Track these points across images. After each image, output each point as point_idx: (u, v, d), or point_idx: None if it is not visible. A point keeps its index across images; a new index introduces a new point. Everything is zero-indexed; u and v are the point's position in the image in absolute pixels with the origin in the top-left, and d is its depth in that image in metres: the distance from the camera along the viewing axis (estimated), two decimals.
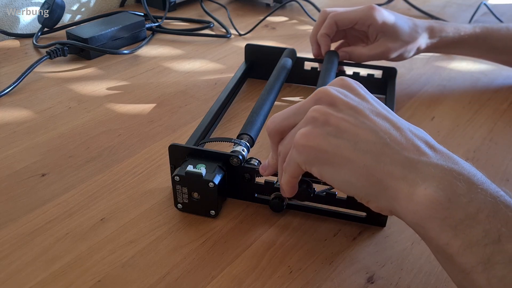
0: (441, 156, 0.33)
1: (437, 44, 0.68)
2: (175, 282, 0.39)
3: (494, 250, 0.28)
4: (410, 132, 0.34)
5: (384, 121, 0.35)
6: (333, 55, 0.63)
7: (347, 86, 0.37)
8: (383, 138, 0.33)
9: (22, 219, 0.44)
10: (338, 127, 0.34)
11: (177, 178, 0.43)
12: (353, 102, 0.35)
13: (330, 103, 0.35)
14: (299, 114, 0.38)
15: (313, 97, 0.37)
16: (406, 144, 0.33)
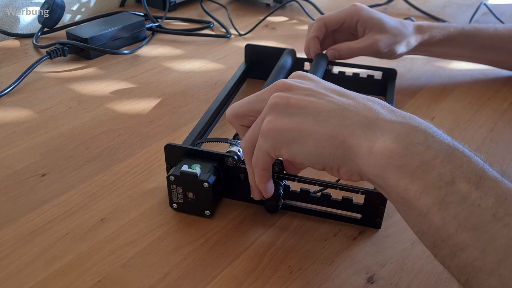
0: (399, 114, 0.35)
1: (427, 42, 0.68)
2: (175, 283, 0.39)
3: (448, 191, 0.30)
4: (367, 100, 0.37)
5: (341, 96, 0.37)
6: (321, 57, 0.64)
7: (301, 76, 0.40)
8: (342, 105, 0.36)
9: (22, 219, 0.44)
10: (299, 106, 0.36)
11: (172, 178, 0.43)
12: (309, 86, 0.38)
13: (288, 89, 0.38)
14: (258, 101, 0.40)
15: (271, 87, 0.39)
16: (364, 107, 0.36)
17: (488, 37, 0.70)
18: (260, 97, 0.40)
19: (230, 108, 0.42)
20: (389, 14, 0.99)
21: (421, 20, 0.96)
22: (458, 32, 0.69)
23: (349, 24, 0.66)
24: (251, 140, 0.39)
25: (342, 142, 0.35)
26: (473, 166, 0.31)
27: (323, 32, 0.66)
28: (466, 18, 0.96)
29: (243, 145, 0.40)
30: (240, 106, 0.41)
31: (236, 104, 0.41)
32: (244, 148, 0.41)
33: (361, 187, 0.42)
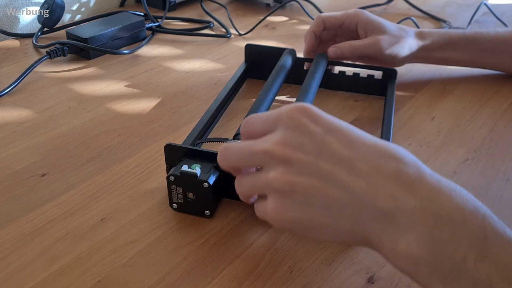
0: (417, 194, 0.31)
1: (429, 46, 0.68)
2: (175, 283, 0.39)
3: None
4: (381, 172, 0.31)
5: (349, 169, 0.32)
6: (322, 57, 0.64)
7: (299, 129, 0.33)
8: (353, 194, 0.31)
9: (22, 219, 0.44)
10: (306, 193, 0.32)
11: (172, 178, 0.43)
12: (311, 157, 0.33)
13: (288, 164, 0.33)
14: (251, 158, 0.35)
15: (268, 154, 0.34)
16: (377, 192, 0.31)
17: (489, 40, 0.70)
18: (253, 151, 0.35)
19: (223, 158, 0.37)
20: (389, 14, 1.00)
21: (421, 20, 0.97)
22: (459, 37, 0.69)
23: (348, 26, 0.66)
24: (249, 193, 0.37)
25: (364, 237, 0.32)
26: None
27: (321, 29, 0.66)
28: (466, 18, 0.96)
29: (239, 191, 0.38)
30: (233, 161, 0.37)
31: (228, 153, 0.37)
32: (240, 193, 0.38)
33: None
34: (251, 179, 0.37)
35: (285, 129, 0.34)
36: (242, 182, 0.38)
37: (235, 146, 0.37)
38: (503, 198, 0.49)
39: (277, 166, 0.33)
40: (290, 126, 0.34)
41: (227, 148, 0.37)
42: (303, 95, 0.54)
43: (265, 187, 0.34)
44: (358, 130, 0.34)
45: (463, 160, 0.54)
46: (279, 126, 0.34)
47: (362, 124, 0.60)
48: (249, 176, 0.37)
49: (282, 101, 0.65)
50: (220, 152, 0.37)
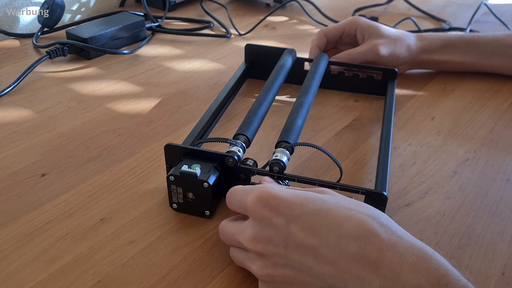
0: (380, 273, 0.31)
1: (429, 48, 0.69)
2: (175, 283, 0.39)
3: None
4: (341, 256, 0.32)
5: (316, 256, 0.33)
6: (321, 57, 0.64)
7: (264, 223, 0.35)
8: (324, 280, 0.33)
9: (22, 219, 0.44)
10: (285, 282, 0.35)
11: (172, 178, 0.43)
12: (281, 250, 0.34)
13: (263, 257, 0.35)
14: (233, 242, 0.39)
15: (246, 246, 0.36)
16: (345, 276, 0.32)
17: (488, 43, 0.70)
18: (235, 240, 0.38)
19: (219, 232, 0.40)
20: (389, 14, 1.00)
21: (421, 20, 0.97)
22: (458, 39, 0.70)
23: (348, 33, 0.69)
24: None
25: None
26: None
27: (324, 42, 0.69)
28: (466, 18, 0.96)
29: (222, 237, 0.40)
30: (224, 239, 0.40)
31: (220, 231, 0.40)
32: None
33: (361, 187, 0.42)
34: (241, 259, 0.39)
35: (253, 222, 0.36)
36: (235, 257, 0.39)
37: (226, 230, 0.39)
38: (503, 198, 0.49)
39: (256, 259, 0.36)
40: (256, 220, 0.35)
41: (221, 231, 0.40)
42: (303, 95, 0.54)
43: (251, 269, 0.37)
44: (321, 209, 0.34)
45: (463, 160, 0.54)
46: (249, 215, 0.37)
47: (362, 124, 0.60)
48: (237, 252, 0.39)
49: (282, 101, 0.65)
50: (219, 232, 0.40)
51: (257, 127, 0.50)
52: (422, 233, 0.44)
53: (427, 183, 0.51)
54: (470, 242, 0.44)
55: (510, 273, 0.41)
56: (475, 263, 0.41)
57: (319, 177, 0.50)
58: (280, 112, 0.62)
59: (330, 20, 0.94)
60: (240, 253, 0.38)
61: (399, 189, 0.50)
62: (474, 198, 0.49)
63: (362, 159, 0.54)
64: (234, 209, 0.39)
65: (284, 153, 0.44)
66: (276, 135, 0.57)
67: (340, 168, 0.44)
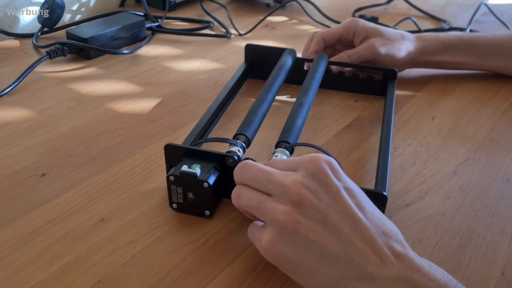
0: (401, 264, 0.33)
1: (428, 49, 0.69)
2: (175, 283, 0.39)
3: None
4: (376, 239, 0.34)
5: (353, 228, 0.34)
6: (321, 57, 0.64)
7: (319, 177, 0.35)
8: (349, 252, 0.33)
9: (22, 219, 0.44)
10: (306, 237, 0.34)
11: (171, 178, 0.43)
12: (323, 205, 0.34)
13: (299, 205, 0.34)
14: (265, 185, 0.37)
15: (283, 188, 0.35)
16: (368, 257, 0.33)
17: (487, 43, 0.70)
18: (270, 179, 0.36)
19: (240, 171, 0.38)
20: (389, 14, 1.00)
21: (421, 20, 0.97)
22: (457, 40, 0.70)
23: (347, 37, 0.68)
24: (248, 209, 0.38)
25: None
26: None
27: (322, 47, 0.68)
28: (466, 18, 0.96)
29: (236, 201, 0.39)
30: (247, 179, 0.38)
31: (246, 169, 0.38)
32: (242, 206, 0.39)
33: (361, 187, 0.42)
34: (255, 197, 0.37)
35: (305, 172, 0.35)
36: (244, 194, 0.38)
37: (255, 166, 0.38)
38: (503, 198, 0.49)
39: (287, 202, 0.34)
40: (311, 171, 0.35)
41: (248, 164, 0.38)
42: (303, 95, 0.54)
43: (268, 215, 0.35)
44: (368, 199, 0.37)
45: (463, 160, 0.54)
46: (300, 168, 0.36)
47: (362, 124, 0.60)
48: (253, 192, 0.37)
49: (282, 101, 0.65)
50: (239, 166, 0.39)
51: (257, 127, 0.50)
52: (422, 233, 0.44)
53: (427, 183, 0.51)
54: (470, 242, 0.44)
55: (510, 273, 0.41)
56: (475, 263, 0.41)
57: None
58: (280, 112, 0.62)
59: (330, 20, 0.94)
60: (258, 194, 0.37)
61: (399, 189, 0.50)
62: (474, 198, 0.49)
63: (362, 159, 0.54)
64: (282, 166, 0.37)
65: (284, 153, 0.44)
66: (276, 135, 0.57)
67: None
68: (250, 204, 0.37)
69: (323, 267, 0.34)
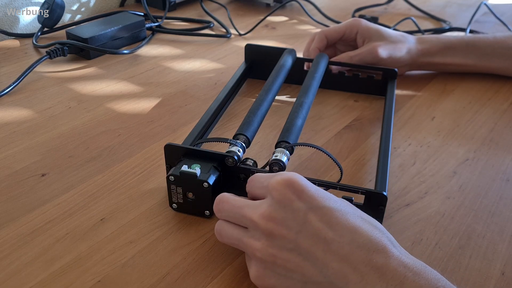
0: (384, 279, 0.32)
1: (429, 51, 0.69)
2: (175, 283, 0.39)
3: None
4: (353, 256, 0.33)
5: (326, 250, 0.34)
6: (321, 57, 0.64)
7: (284, 203, 0.35)
8: (327, 276, 0.34)
9: (22, 219, 0.44)
10: (285, 268, 0.35)
11: (171, 178, 0.43)
12: (293, 234, 0.34)
13: (271, 238, 0.35)
14: (240, 221, 0.37)
15: (254, 224, 0.36)
16: (348, 277, 0.33)
17: (488, 45, 0.70)
18: (242, 215, 0.37)
19: (217, 210, 0.39)
20: (389, 14, 1.00)
21: (421, 20, 0.97)
22: (458, 41, 0.70)
23: (349, 36, 0.69)
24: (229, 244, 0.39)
25: None
26: None
27: (324, 44, 0.68)
28: (466, 18, 0.96)
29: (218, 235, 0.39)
30: (225, 216, 0.39)
31: (222, 207, 0.39)
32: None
33: (361, 187, 0.42)
34: (234, 234, 0.38)
35: (271, 201, 0.36)
36: (224, 232, 0.39)
37: (229, 202, 0.38)
38: (503, 198, 0.49)
39: (261, 237, 0.35)
40: (276, 199, 0.35)
41: (222, 201, 0.39)
42: (303, 95, 0.54)
43: (248, 251, 0.37)
44: (341, 209, 0.35)
45: (463, 160, 0.54)
46: (268, 195, 0.36)
47: (362, 124, 0.60)
48: (232, 228, 0.38)
49: (282, 101, 0.65)
50: (216, 202, 0.39)
51: (257, 127, 0.50)
52: (422, 233, 0.44)
53: (427, 183, 0.51)
54: (470, 242, 0.44)
55: (510, 273, 0.41)
56: (475, 263, 0.41)
57: (319, 177, 0.50)
58: (280, 112, 0.62)
59: (330, 20, 0.94)
60: (236, 230, 0.38)
61: (399, 189, 0.50)
62: (474, 198, 0.49)
63: (362, 159, 0.54)
64: (254, 192, 0.39)
65: (284, 153, 0.44)
66: (276, 135, 0.57)
67: (340, 168, 0.44)
68: (231, 241, 0.38)
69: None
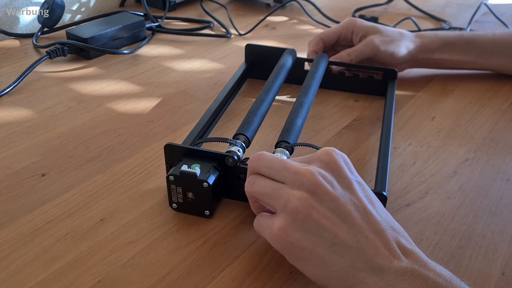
0: (409, 258, 0.34)
1: (428, 47, 0.69)
2: (175, 283, 0.39)
3: None
4: (386, 232, 0.35)
5: (364, 219, 0.35)
6: (322, 57, 0.64)
7: (333, 168, 0.36)
8: (360, 242, 0.34)
9: (22, 219, 0.44)
10: (318, 224, 0.34)
11: (171, 177, 0.43)
12: (337, 193, 0.35)
13: (314, 191, 0.35)
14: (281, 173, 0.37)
15: (298, 175, 0.35)
16: (378, 249, 0.34)
17: (487, 42, 0.70)
18: (286, 167, 0.36)
19: (255, 160, 0.38)
20: (389, 14, 1.00)
21: (421, 20, 0.97)
22: (457, 38, 0.70)
23: (345, 36, 0.69)
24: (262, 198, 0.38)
25: (351, 286, 0.34)
26: None
27: (320, 47, 0.69)
28: (466, 18, 0.96)
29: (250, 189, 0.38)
30: (262, 166, 0.38)
31: (262, 158, 0.38)
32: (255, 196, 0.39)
33: None
34: (269, 184, 0.37)
35: (320, 163, 0.36)
36: (258, 182, 0.38)
37: (271, 154, 0.38)
38: (503, 198, 0.49)
39: (302, 189, 0.35)
40: (325, 162, 0.36)
41: (263, 153, 0.38)
42: (303, 95, 0.54)
43: (281, 201, 0.35)
44: (377, 198, 0.37)
45: (463, 160, 0.54)
46: (314, 160, 0.37)
47: (362, 124, 0.60)
48: (268, 180, 0.37)
49: (282, 101, 0.65)
50: (253, 158, 0.39)
51: (257, 127, 0.50)
52: (422, 233, 0.44)
53: (427, 183, 0.51)
54: (470, 242, 0.44)
55: (510, 273, 0.41)
56: (475, 263, 0.41)
57: None
58: (280, 112, 0.62)
59: (330, 20, 0.94)
60: (272, 182, 0.37)
61: (399, 189, 0.50)
62: (474, 198, 0.49)
63: (362, 159, 0.54)
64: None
65: (283, 153, 0.44)
66: (276, 135, 0.57)
67: None
68: (264, 191, 0.37)
69: (333, 255, 0.34)
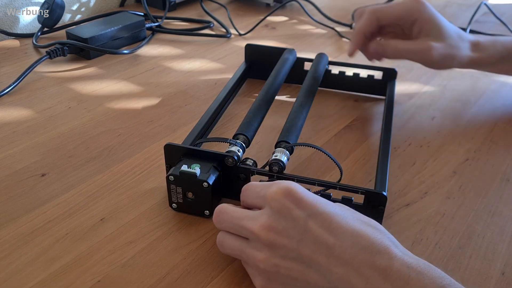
0: (389, 279, 0.32)
1: (482, 61, 0.60)
2: (175, 283, 0.39)
3: None
4: (356, 259, 0.33)
5: (329, 255, 0.34)
6: (321, 57, 0.64)
7: (284, 213, 0.35)
8: (331, 281, 0.34)
9: (22, 219, 0.44)
10: (289, 276, 0.35)
11: (171, 177, 0.43)
12: (294, 243, 0.34)
13: (273, 248, 0.35)
14: (240, 232, 0.37)
15: (255, 236, 0.36)
16: (352, 280, 0.33)
17: None
18: (242, 226, 0.37)
19: (217, 221, 0.39)
20: None
21: None
22: None
23: (406, 22, 0.57)
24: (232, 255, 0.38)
25: None
26: None
27: (374, 28, 0.57)
28: (466, 18, 0.96)
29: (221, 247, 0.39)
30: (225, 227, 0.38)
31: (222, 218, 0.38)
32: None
33: (360, 187, 0.42)
34: (236, 245, 0.38)
35: (270, 211, 0.36)
36: (226, 243, 0.38)
37: (228, 213, 0.38)
38: (503, 198, 0.49)
39: (263, 248, 0.35)
40: (275, 209, 0.35)
41: (222, 212, 0.39)
42: (303, 95, 0.54)
43: (250, 263, 0.37)
44: (340, 213, 0.35)
45: (463, 160, 0.54)
46: (266, 205, 0.36)
47: (362, 124, 0.60)
48: (234, 239, 0.38)
49: (282, 101, 0.65)
50: (215, 214, 0.39)
51: (257, 127, 0.50)
52: (422, 233, 0.44)
53: (427, 183, 0.51)
54: (470, 242, 0.44)
55: (510, 273, 0.41)
56: (475, 263, 0.41)
57: (319, 177, 0.50)
58: (280, 112, 0.62)
59: (330, 20, 0.94)
60: (238, 241, 0.37)
61: (399, 189, 0.50)
62: (474, 198, 0.49)
63: (362, 159, 0.54)
64: (250, 202, 0.38)
65: (283, 153, 0.44)
66: (276, 135, 0.57)
67: (340, 168, 0.44)
68: (234, 253, 0.38)
69: None
